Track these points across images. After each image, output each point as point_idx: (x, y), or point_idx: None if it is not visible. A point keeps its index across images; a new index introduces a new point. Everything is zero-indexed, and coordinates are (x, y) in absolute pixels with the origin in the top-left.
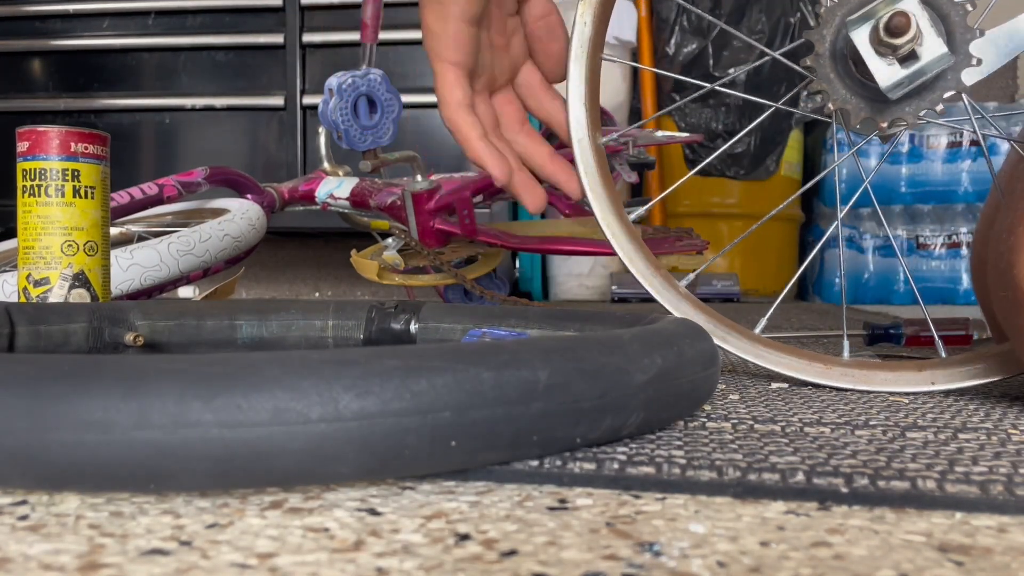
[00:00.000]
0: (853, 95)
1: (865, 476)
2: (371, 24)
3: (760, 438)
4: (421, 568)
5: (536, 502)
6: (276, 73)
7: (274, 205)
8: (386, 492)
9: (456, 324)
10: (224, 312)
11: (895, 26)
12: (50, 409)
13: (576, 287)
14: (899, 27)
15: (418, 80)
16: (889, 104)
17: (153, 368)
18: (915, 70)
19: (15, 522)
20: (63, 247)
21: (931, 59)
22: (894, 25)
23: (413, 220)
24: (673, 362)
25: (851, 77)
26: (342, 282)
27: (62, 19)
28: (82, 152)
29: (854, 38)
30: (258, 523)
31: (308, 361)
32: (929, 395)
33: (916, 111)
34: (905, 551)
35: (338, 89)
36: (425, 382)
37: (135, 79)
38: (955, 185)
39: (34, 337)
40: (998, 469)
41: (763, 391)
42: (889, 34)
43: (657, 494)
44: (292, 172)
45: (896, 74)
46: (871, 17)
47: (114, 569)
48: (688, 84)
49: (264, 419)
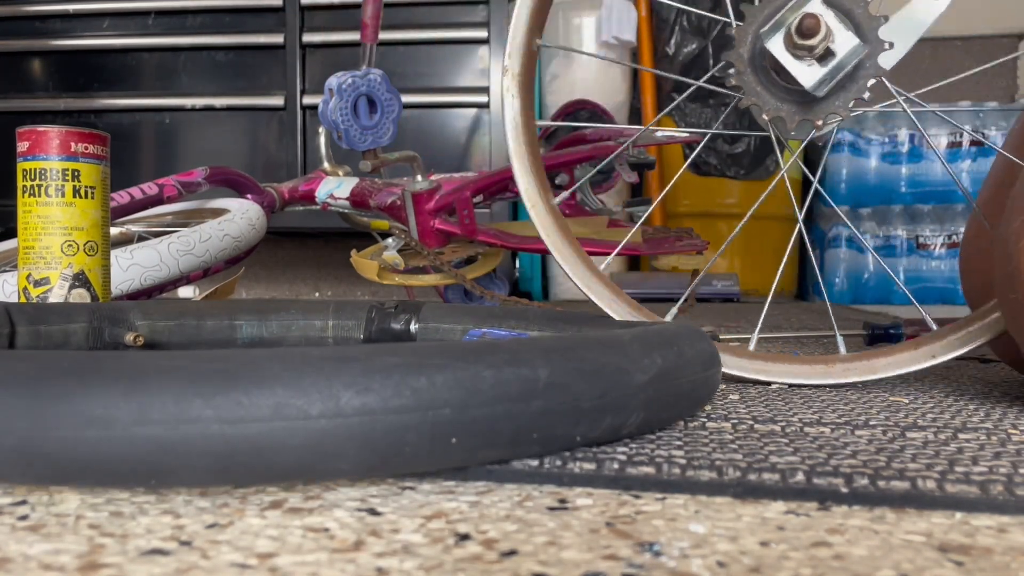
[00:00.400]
0: (783, 102)
1: (865, 476)
2: (371, 24)
3: (760, 438)
4: (421, 568)
5: (536, 502)
6: (276, 73)
7: (274, 205)
8: (386, 492)
9: (456, 324)
10: (224, 312)
11: (807, 28)
12: (51, 406)
13: (576, 287)
14: (810, 28)
15: (418, 80)
16: (819, 102)
17: (154, 365)
18: (834, 65)
19: (15, 522)
20: (63, 247)
21: (846, 52)
22: (806, 27)
23: (413, 220)
24: (673, 362)
25: (776, 86)
26: (342, 282)
27: (62, 19)
28: (82, 152)
29: (771, 48)
30: (258, 523)
31: (309, 358)
32: (930, 395)
33: (846, 103)
34: (905, 551)
35: (338, 89)
36: (425, 379)
37: (135, 79)
38: (955, 185)
39: (34, 337)
40: (998, 469)
41: (763, 391)
42: (802, 36)
43: (657, 494)
44: (292, 172)
45: (817, 73)
46: (781, 26)
47: (114, 569)
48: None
49: (265, 415)
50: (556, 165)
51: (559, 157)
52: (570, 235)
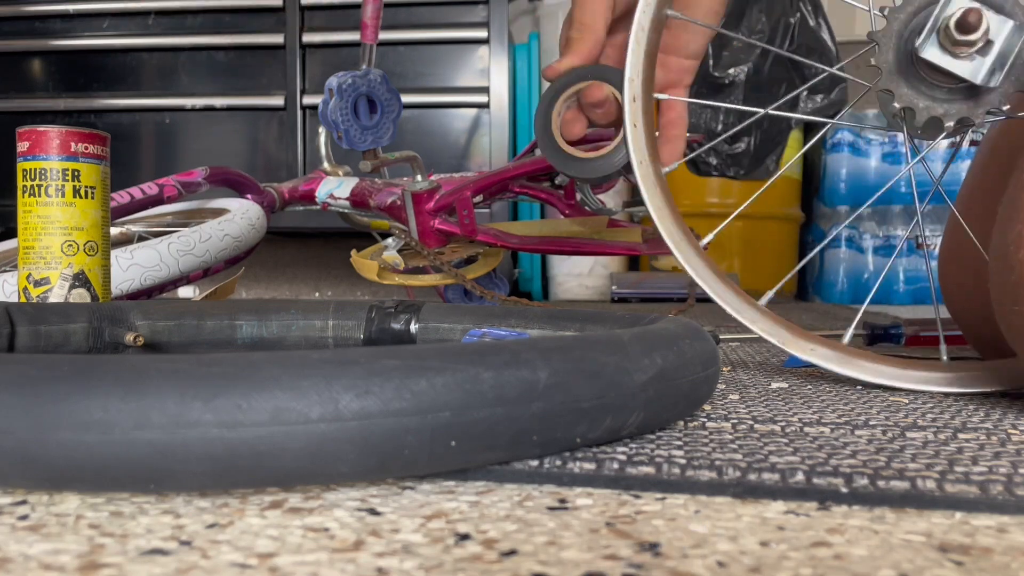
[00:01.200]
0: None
1: (865, 476)
2: (371, 24)
3: (760, 438)
4: (421, 568)
5: (536, 502)
6: (276, 73)
7: (274, 205)
8: (386, 492)
9: (456, 324)
10: (224, 312)
11: (970, 23)
12: (50, 409)
13: (576, 287)
14: (974, 23)
15: (418, 80)
16: (986, 92)
17: (153, 368)
18: (998, 52)
19: (15, 522)
20: (63, 247)
21: (1005, 36)
22: (970, 23)
23: (413, 220)
24: (673, 362)
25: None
26: (342, 282)
27: (62, 19)
28: (82, 152)
29: (927, 56)
30: (258, 523)
31: (308, 361)
32: (930, 395)
33: (1010, 90)
34: (905, 551)
35: (338, 89)
36: (425, 382)
37: (135, 79)
38: (955, 185)
39: (34, 337)
40: (998, 469)
41: (763, 391)
42: (964, 32)
43: (657, 494)
44: (292, 172)
45: (984, 64)
46: (934, 31)
47: (114, 569)
48: None
49: (264, 419)
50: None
51: None
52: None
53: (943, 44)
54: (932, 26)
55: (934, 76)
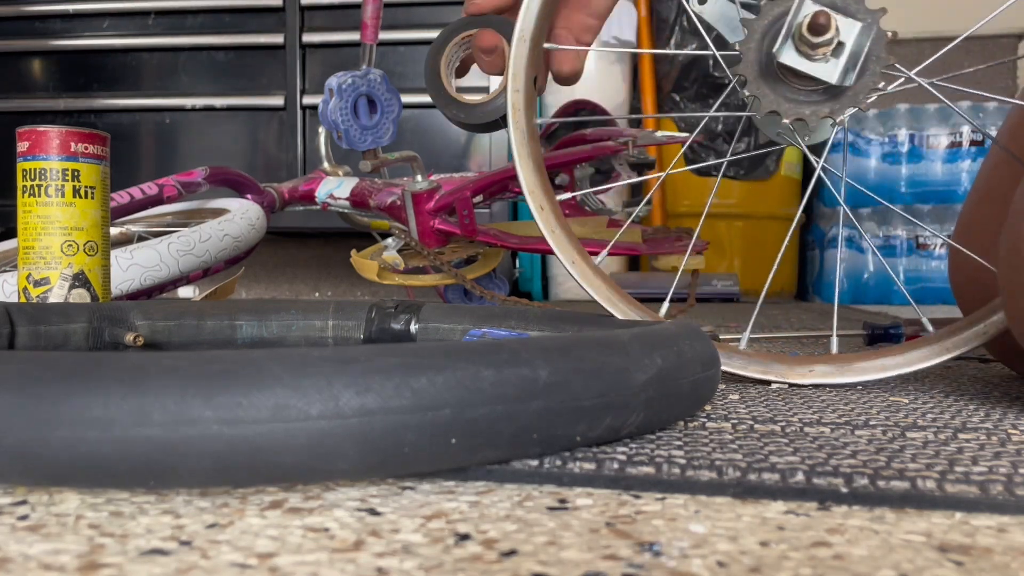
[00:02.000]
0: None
1: (865, 476)
2: (371, 24)
3: (760, 438)
4: (421, 568)
5: (536, 502)
6: (276, 73)
7: (274, 205)
8: (386, 492)
9: (456, 324)
10: (224, 312)
11: (819, 25)
12: (51, 406)
13: (576, 287)
14: (823, 25)
15: (418, 80)
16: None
17: (153, 365)
18: (849, 52)
19: (15, 522)
20: (63, 247)
21: (854, 36)
22: (818, 24)
23: (413, 220)
24: (673, 362)
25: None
26: (342, 282)
27: (62, 19)
28: (82, 152)
29: (785, 60)
30: (258, 523)
31: (308, 358)
32: (930, 395)
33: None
34: (905, 551)
35: (338, 89)
36: (425, 379)
37: (135, 79)
38: (955, 185)
39: (34, 337)
40: (998, 469)
41: (763, 391)
42: (816, 34)
43: (657, 494)
44: (292, 172)
45: (838, 65)
46: (789, 36)
47: (114, 569)
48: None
49: (264, 416)
50: (556, 165)
51: (558, 157)
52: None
53: (799, 48)
54: (787, 32)
55: (795, 80)
